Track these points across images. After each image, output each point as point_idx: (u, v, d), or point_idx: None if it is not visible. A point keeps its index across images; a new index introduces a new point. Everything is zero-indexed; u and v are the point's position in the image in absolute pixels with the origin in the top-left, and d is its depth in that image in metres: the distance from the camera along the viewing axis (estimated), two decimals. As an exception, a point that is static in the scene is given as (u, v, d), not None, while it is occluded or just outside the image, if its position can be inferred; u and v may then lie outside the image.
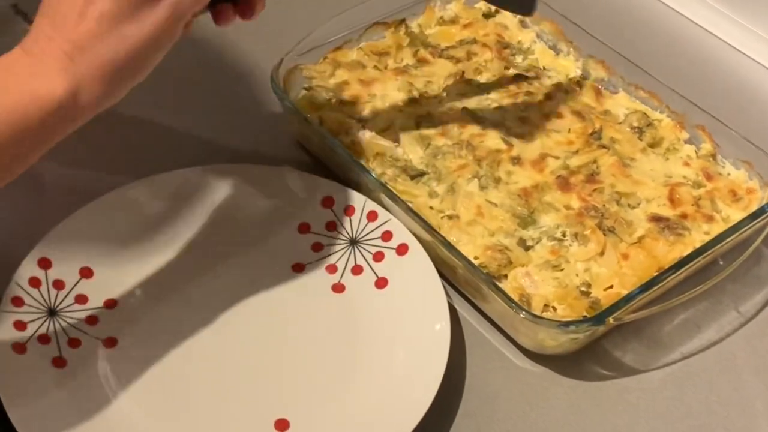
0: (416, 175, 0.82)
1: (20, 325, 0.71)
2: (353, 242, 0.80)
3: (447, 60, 0.91)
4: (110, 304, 0.75)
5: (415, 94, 0.88)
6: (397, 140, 0.84)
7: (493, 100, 0.88)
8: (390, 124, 0.85)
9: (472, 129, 0.85)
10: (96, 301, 0.74)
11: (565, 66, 0.92)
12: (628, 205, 0.80)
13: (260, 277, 0.78)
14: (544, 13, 0.93)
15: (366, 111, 0.86)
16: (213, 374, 0.72)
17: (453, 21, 0.96)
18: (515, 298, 0.72)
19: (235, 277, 0.78)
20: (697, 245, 0.76)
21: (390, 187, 0.79)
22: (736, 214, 0.79)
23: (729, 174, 0.83)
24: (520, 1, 0.81)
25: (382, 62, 0.91)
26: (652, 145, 0.85)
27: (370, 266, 0.78)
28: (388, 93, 0.87)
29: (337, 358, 0.74)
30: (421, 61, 0.91)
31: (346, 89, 0.88)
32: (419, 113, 0.86)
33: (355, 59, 0.90)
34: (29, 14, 0.98)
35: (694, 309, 0.78)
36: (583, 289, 0.75)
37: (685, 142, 0.85)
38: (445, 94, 0.88)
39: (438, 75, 0.90)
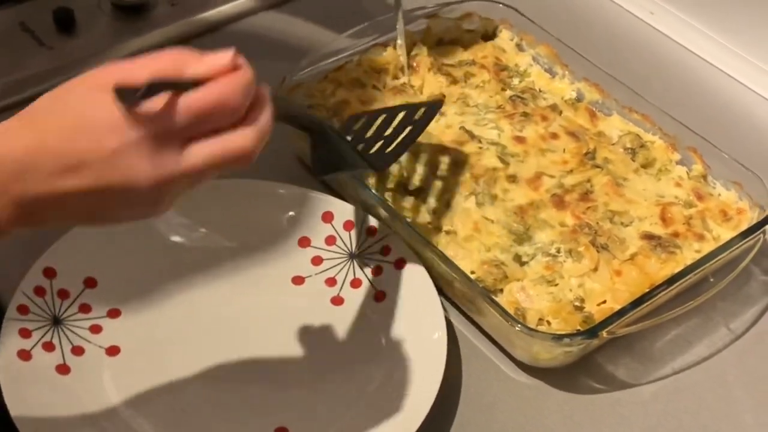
0: (415, 192, 0.83)
1: (25, 333, 0.72)
2: (352, 256, 0.81)
3: (444, 76, 0.93)
4: (113, 313, 0.76)
5: (413, 113, 0.89)
6: (396, 158, 0.85)
7: (490, 120, 0.89)
8: (389, 141, 0.87)
9: (470, 147, 0.87)
10: (99, 311, 0.76)
11: (561, 88, 0.94)
12: (621, 223, 0.82)
13: (261, 290, 0.79)
14: (541, 37, 0.95)
15: (365, 129, 0.88)
16: (214, 384, 0.73)
17: (452, 43, 0.97)
18: (511, 311, 0.73)
19: (236, 289, 0.79)
20: (688, 263, 0.77)
21: (389, 203, 0.81)
22: (727, 234, 0.81)
23: (719, 194, 0.85)
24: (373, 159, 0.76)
25: (380, 81, 0.92)
26: (644, 166, 0.87)
27: (368, 280, 0.80)
28: (387, 112, 0.89)
29: (336, 370, 0.75)
30: (416, 73, 0.93)
31: (345, 108, 0.89)
32: (417, 132, 0.87)
33: (354, 77, 0.91)
34: (36, 32, 0.99)
35: (685, 325, 0.80)
36: (576, 303, 0.76)
37: (677, 164, 0.87)
38: (443, 114, 0.90)
39: (434, 93, 0.92)
